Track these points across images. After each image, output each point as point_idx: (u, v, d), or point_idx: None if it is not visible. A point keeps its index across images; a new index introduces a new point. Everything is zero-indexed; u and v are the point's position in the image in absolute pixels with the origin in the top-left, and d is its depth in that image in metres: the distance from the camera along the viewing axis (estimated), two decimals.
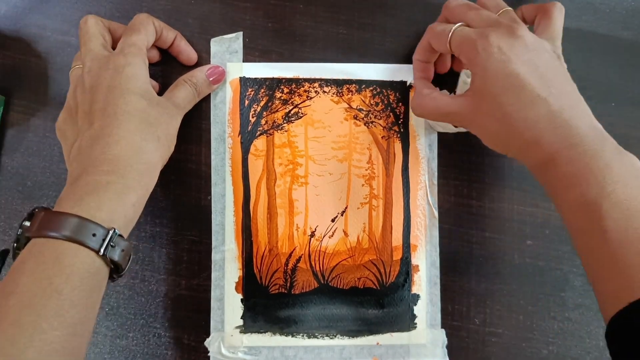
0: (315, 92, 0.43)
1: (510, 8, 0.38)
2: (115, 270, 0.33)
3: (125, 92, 0.35)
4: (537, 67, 0.33)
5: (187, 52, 0.42)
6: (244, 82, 0.43)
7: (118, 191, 0.32)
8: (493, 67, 0.33)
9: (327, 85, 0.43)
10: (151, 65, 0.39)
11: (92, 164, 0.33)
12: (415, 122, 0.43)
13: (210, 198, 0.42)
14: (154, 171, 0.35)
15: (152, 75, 0.41)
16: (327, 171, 0.42)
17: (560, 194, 0.33)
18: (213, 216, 0.42)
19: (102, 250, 0.30)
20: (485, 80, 0.34)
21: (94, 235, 0.30)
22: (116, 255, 0.31)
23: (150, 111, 0.36)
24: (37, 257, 0.29)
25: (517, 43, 0.33)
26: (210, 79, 0.41)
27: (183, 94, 0.39)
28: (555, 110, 0.32)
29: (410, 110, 0.43)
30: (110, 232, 0.31)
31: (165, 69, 0.43)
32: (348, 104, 0.43)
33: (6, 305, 0.28)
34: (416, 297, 0.42)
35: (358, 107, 0.43)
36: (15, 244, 0.32)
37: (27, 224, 0.32)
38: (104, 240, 0.30)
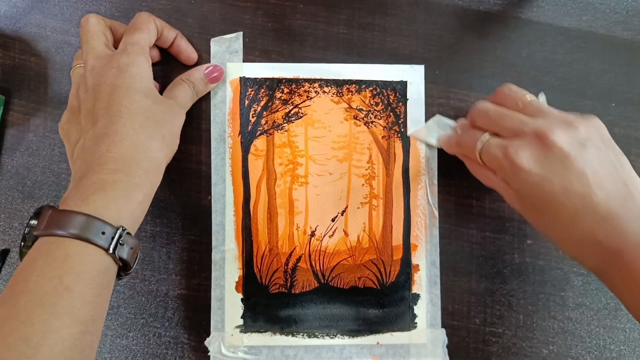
0: (315, 92, 0.43)
1: (532, 98, 0.35)
2: (123, 268, 0.33)
3: (130, 90, 0.35)
4: (576, 174, 0.31)
5: (187, 51, 0.42)
6: (244, 82, 0.43)
7: (125, 189, 0.32)
8: (526, 191, 0.32)
9: (327, 86, 0.43)
10: (151, 65, 0.39)
11: (98, 162, 0.33)
12: (415, 122, 0.43)
13: (211, 198, 0.42)
14: (159, 169, 0.35)
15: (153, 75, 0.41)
16: (327, 171, 0.42)
17: (623, 297, 0.32)
18: (213, 216, 0.42)
19: (111, 249, 0.30)
20: (523, 201, 0.33)
21: (103, 233, 0.30)
22: (125, 253, 0.31)
23: (155, 110, 0.36)
24: (46, 255, 0.29)
25: (549, 155, 0.31)
26: (208, 78, 0.41)
27: (182, 93, 0.39)
28: (602, 216, 0.30)
29: (409, 111, 0.43)
30: (119, 230, 0.31)
31: (165, 69, 0.43)
32: (348, 104, 0.43)
33: (17, 305, 0.28)
34: (416, 297, 0.42)
35: (358, 107, 0.43)
36: (22, 243, 0.32)
37: (34, 222, 0.31)
38: (112, 238, 0.30)
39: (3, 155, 0.43)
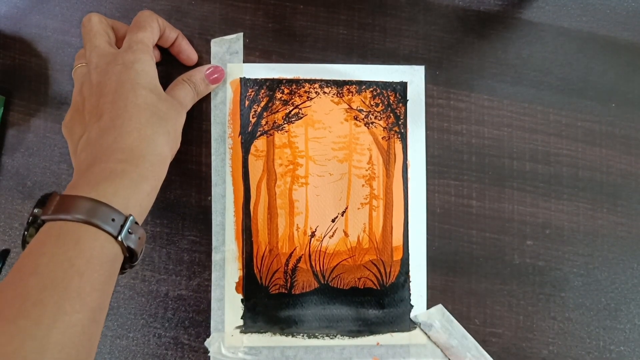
0: (316, 92, 0.43)
1: None
2: (128, 259, 0.32)
3: (136, 86, 0.35)
4: None
5: (187, 51, 0.42)
6: (244, 82, 0.43)
7: (133, 180, 0.32)
8: None
9: (327, 86, 0.43)
10: None
11: (105, 152, 0.32)
12: (415, 123, 0.43)
13: (211, 198, 0.42)
14: (164, 164, 0.35)
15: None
16: (327, 172, 0.42)
17: None
18: (213, 216, 0.42)
19: (120, 236, 0.30)
20: None
21: (112, 220, 0.30)
22: (133, 242, 0.31)
23: (160, 106, 0.35)
24: (56, 239, 0.29)
25: None
26: (209, 79, 0.41)
27: (183, 93, 0.39)
28: None
29: (409, 111, 0.43)
30: (129, 218, 0.30)
31: (166, 69, 0.43)
32: (348, 105, 0.43)
33: (27, 286, 0.27)
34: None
35: (358, 108, 0.43)
36: (25, 232, 0.31)
37: (38, 210, 0.31)
38: (122, 226, 0.30)
39: (3, 155, 0.43)
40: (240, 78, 0.43)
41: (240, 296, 0.41)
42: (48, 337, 0.26)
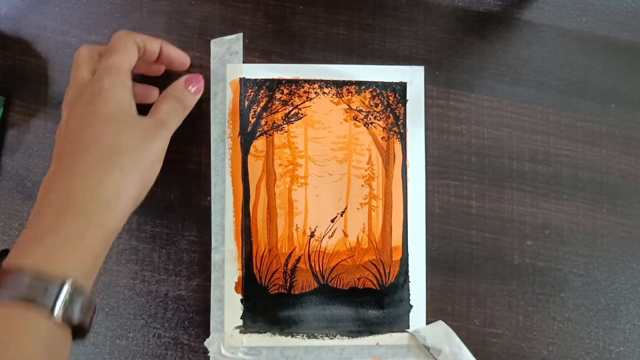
0: (315, 93, 0.43)
1: None
2: (79, 330, 0.28)
3: (97, 118, 0.33)
4: None
5: (178, 57, 0.40)
6: (244, 83, 0.43)
7: (75, 233, 0.29)
8: None
9: (327, 87, 0.43)
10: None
11: (48, 204, 0.30)
12: (415, 123, 0.43)
13: (210, 199, 0.42)
14: (116, 206, 0.31)
15: (152, 80, 0.41)
16: (326, 172, 0.42)
17: None
18: (213, 217, 0.42)
19: (57, 310, 0.26)
20: None
21: (45, 290, 0.26)
22: (75, 313, 0.27)
23: (120, 137, 0.33)
24: None
25: None
26: (191, 89, 0.39)
27: (166, 108, 0.37)
28: None
29: (409, 112, 0.43)
30: (65, 286, 0.27)
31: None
32: (348, 105, 0.43)
33: None
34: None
35: (358, 108, 0.43)
36: None
37: None
38: (57, 296, 0.26)
39: (3, 156, 0.43)
40: (240, 78, 0.43)
41: (240, 296, 0.41)
42: None
